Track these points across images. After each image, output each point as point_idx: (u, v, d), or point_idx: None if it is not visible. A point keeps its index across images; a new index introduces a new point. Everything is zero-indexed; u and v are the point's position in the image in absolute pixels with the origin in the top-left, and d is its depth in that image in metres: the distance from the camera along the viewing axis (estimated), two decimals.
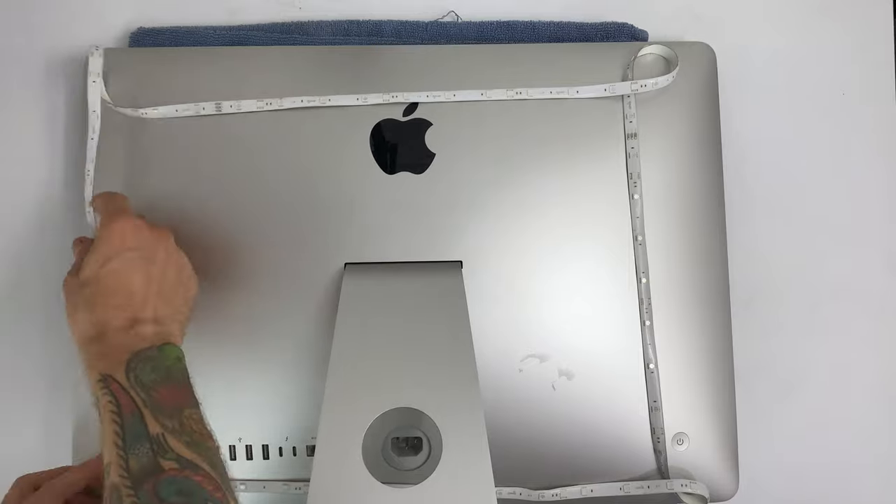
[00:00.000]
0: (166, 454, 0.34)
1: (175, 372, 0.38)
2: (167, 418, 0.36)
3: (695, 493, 0.48)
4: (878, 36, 0.56)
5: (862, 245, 0.55)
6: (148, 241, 0.41)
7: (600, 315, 0.49)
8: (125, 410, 0.35)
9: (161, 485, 0.33)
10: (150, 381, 0.37)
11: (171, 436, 0.35)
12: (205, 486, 0.34)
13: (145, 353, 0.38)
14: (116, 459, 0.34)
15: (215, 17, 0.54)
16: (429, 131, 0.50)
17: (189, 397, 0.38)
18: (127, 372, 0.37)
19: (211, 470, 0.35)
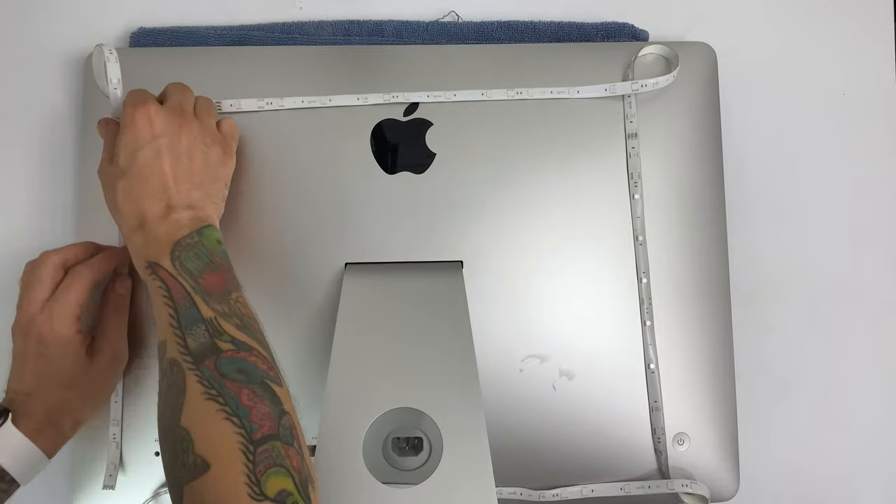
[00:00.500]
0: (222, 336, 0.36)
1: (217, 256, 0.40)
2: (217, 303, 0.37)
3: (695, 494, 0.48)
4: (878, 36, 0.56)
5: (862, 245, 0.55)
6: (173, 127, 0.42)
7: (601, 315, 0.49)
8: (176, 296, 0.37)
9: (221, 363, 0.35)
10: (196, 269, 0.38)
11: (223, 319, 0.37)
12: (260, 366, 0.35)
13: (186, 240, 0.39)
14: (174, 338, 0.36)
15: (216, 17, 0.54)
16: (429, 131, 0.50)
17: (232, 280, 0.40)
18: (172, 260, 0.38)
19: (262, 350, 0.37)
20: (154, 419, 0.47)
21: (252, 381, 0.34)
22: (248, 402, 0.33)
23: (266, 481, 0.31)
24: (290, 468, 0.32)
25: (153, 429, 0.47)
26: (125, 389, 0.48)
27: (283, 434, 0.33)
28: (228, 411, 0.33)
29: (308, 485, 0.33)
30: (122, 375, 0.47)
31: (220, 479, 0.31)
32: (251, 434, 0.32)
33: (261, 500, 0.31)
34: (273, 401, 0.34)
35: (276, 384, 0.35)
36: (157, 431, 0.47)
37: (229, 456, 0.32)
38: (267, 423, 0.33)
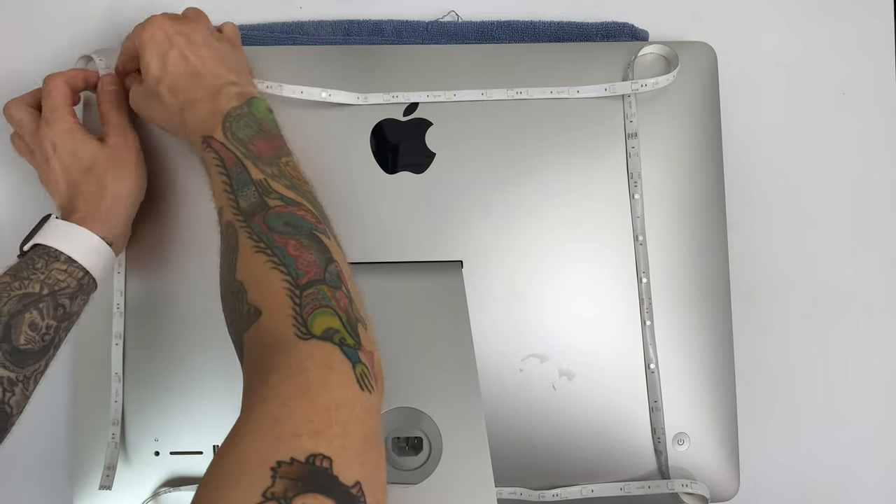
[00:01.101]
0: (271, 194, 0.37)
1: (266, 124, 0.41)
2: (267, 165, 0.39)
3: (695, 494, 0.48)
4: (879, 36, 0.56)
5: (862, 244, 0.55)
6: (184, 27, 0.44)
7: (601, 315, 0.49)
8: (228, 163, 0.39)
9: (269, 218, 0.36)
10: (246, 136, 0.40)
11: (273, 180, 0.38)
12: (307, 219, 0.37)
13: (236, 111, 0.41)
14: (227, 202, 0.38)
15: (215, 17, 0.54)
16: (429, 131, 0.50)
17: (283, 147, 0.41)
18: (224, 131, 0.40)
19: (310, 206, 0.38)
20: (153, 419, 0.48)
21: (299, 233, 0.36)
22: (294, 251, 0.35)
23: (313, 321, 0.32)
24: (335, 308, 0.33)
25: (153, 429, 0.48)
26: (126, 389, 0.48)
27: (330, 279, 0.34)
28: (276, 261, 0.34)
29: (357, 324, 0.33)
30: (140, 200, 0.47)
31: (271, 324, 0.33)
32: (297, 280, 0.33)
33: (307, 338, 0.32)
34: (319, 249, 0.35)
35: (323, 235, 0.36)
36: (157, 431, 0.48)
37: (278, 302, 0.33)
38: (313, 269, 0.34)
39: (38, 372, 0.40)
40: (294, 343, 0.31)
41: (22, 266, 0.40)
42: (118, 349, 0.48)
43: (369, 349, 0.33)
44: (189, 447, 0.48)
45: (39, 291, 0.39)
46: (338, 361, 0.31)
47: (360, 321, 0.34)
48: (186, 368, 0.48)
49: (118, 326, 0.48)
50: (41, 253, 0.41)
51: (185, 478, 0.48)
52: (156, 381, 0.48)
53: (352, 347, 0.32)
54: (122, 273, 0.48)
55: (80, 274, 0.41)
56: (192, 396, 0.48)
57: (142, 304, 0.48)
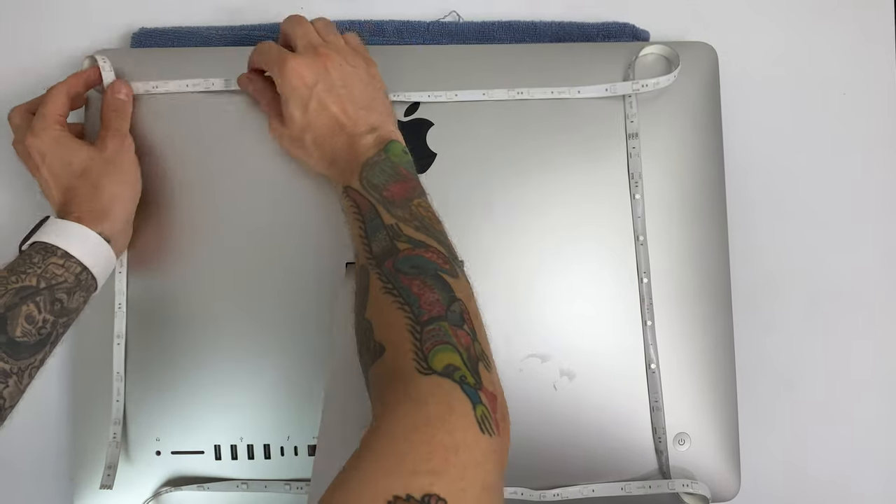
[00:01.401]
0: (400, 238, 0.39)
1: (402, 167, 0.43)
2: (398, 209, 0.40)
3: (696, 494, 0.48)
4: (879, 36, 0.56)
5: (863, 244, 0.55)
6: (320, 69, 0.44)
7: (602, 315, 0.49)
8: (363, 209, 0.41)
9: (398, 261, 0.37)
10: (381, 182, 0.42)
11: (403, 223, 0.40)
12: (434, 260, 0.38)
13: (372, 160, 0.42)
14: (362, 247, 0.40)
15: (217, 18, 0.54)
16: (430, 131, 0.50)
17: (415, 189, 0.42)
18: (360, 179, 0.42)
19: (439, 246, 0.39)
20: (154, 418, 0.48)
21: (424, 274, 0.37)
22: (417, 290, 0.36)
23: (433, 357, 0.32)
24: (456, 346, 0.33)
25: (155, 428, 0.48)
26: (127, 389, 0.48)
27: (452, 317, 0.35)
28: (401, 301, 0.35)
29: (478, 362, 0.33)
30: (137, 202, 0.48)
31: (393, 359, 0.34)
32: (419, 317, 0.34)
33: (428, 373, 0.32)
34: (443, 289, 0.36)
35: (448, 275, 0.37)
36: (158, 430, 0.48)
37: (400, 338, 0.34)
38: (435, 307, 0.35)
39: (33, 366, 0.40)
40: (414, 377, 0.32)
41: (19, 262, 0.41)
42: (120, 349, 0.48)
43: (492, 391, 0.33)
44: (190, 447, 0.48)
45: (36, 285, 0.40)
46: (458, 400, 0.31)
47: (482, 361, 0.34)
48: (188, 368, 0.48)
49: (119, 326, 0.48)
50: (38, 249, 0.41)
51: (186, 477, 0.48)
52: (157, 381, 0.48)
53: (472, 387, 0.32)
54: (123, 273, 0.48)
55: (77, 269, 0.42)
56: (193, 396, 0.48)
57: (143, 304, 0.48)
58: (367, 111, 0.44)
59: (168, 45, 0.52)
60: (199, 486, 0.47)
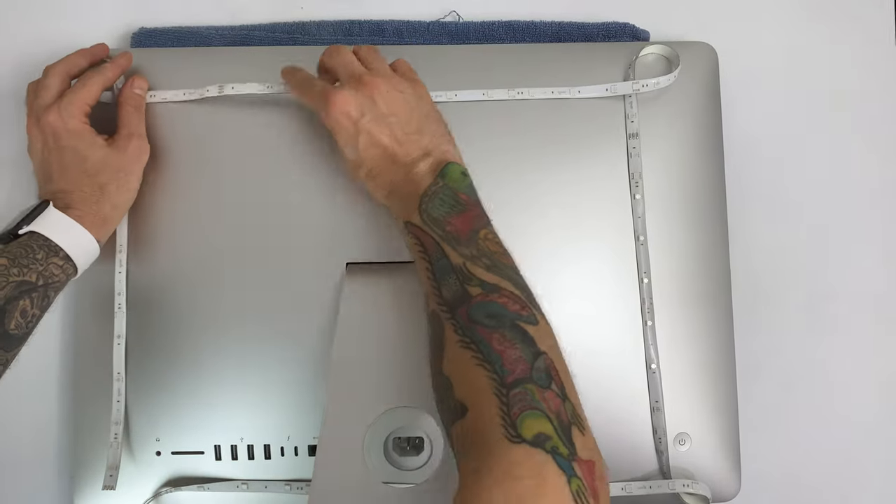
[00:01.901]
0: (471, 281, 0.37)
1: (462, 192, 0.41)
2: (464, 247, 0.38)
3: (697, 494, 0.48)
4: (879, 36, 0.56)
5: (862, 244, 0.55)
6: (366, 101, 0.42)
7: (602, 315, 0.49)
8: (428, 248, 0.39)
9: (472, 309, 0.35)
10: (441, 215, 0.39)
11: (471, 263, 0.38)
12: (510, 308, 0.36)
13: (430, 189, 0.40)
14: (431, 290, 0.38)
15: (217, 18, 0.54)
16: None
17: (479, 217, 0.40)
18: (421, 214, 0.40)
19: (514, 288, 0.37)
20: (155, 419, 0.48)
21: (502, 325, 0.35)
22: (499, 346, 0.34)
23: (522, 423, 0.31)
24: (546, 411, 0.31)
25: (155, 429, 0.48)
26: (128, 389, 0.48)
27: (538, 377, 0.33)
28: (481, 358, 0.34)
29: (571, 428, 0.32)
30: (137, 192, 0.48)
31: (478, 421, 0.32)
32: (503, 378, 0.32)
33: (518, 441, 0.30)
34: (525, 342, 0.34)
35: (528, 324, 0.35)
36: (158, 430, 0.48)
37: (484, 400, 0.32)
38: (519, 366, 0.33)
39: (11, 359, 0.40)
40: (504, 445, 0.30)
41: (21, 252, 0.40)
42: (120, 349, 0.48)
43: (587, 458, 0.31)
44: (191, 447, 0.48)
45: (35, 281, 0.40)
46: (552, 473, 0.30)
47: (575, 424, 0.32)
48: (188, 368, 0.48)
49: (120, 326, 0.48)
50: (42, 244, 0.41)
51: (186, 478, 0.48)
52: (157, 381, 0.48)
53: (566, 458, 0.30)
54: (123, 272, 0.48)
55: (70, 271, 0.42)
56: (193, 396, 0.48)
57: (143, 304, 0.48)
58: (418, 135, 0.42)
59: (168, 45, 0.52)
60: (200, 487, 0.47)
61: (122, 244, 0.48)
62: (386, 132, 0.42)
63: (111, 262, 0.48)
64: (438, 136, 0.43)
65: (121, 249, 0.48)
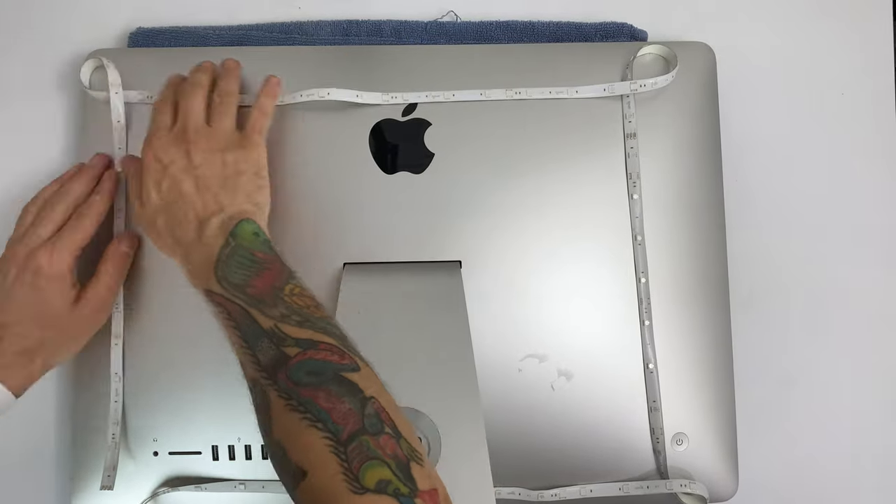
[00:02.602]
0: (285, 342, 0.36)
1: (257, 251, 0.40)
2: (271, 308, 0.37)
3: (694, 494, 0.48)
4: (878, 36, 0.56)
5: (861, 244, 0.55)
6: (180, 152, 0.43)
7: (599, 315, 0.49)
8: (235, 315, 0.38)
9: (292, 371, 0.35)
10: (241, 279, 0.39)
11: (282, 323, 0.37)
12: (329, 359, 0.35)
13: (223, 253, 0.40)
14: (247, 358, 0.37)
15: (215, 17, 0.54)
16: (428, 131, 0.50)
17: (280, 273, 0.39)
18: (219, 280, 0.39)
19: (330, 339, 0.36)
20: (152, 419, 0.48)
21: (325, 381, 0.34)
22: (326, 404, 0.34)
23: (363, 475, 0.32)
24: (383, 457, 0.32)
25: (152, 429, 0.48)
26: (125, 389, 0.48)
27: (369, 424, 0.33)
28: (311, 418, 0.33)
29: (409, 464, 0.33)
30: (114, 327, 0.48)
31: (320, 482, 0.32)
32: (338, 435, 0.33)
33: (362, 492, 0.31)
34: (351, 392, 0.34)
35: (351, 371, 0.35)
36: (156, 431, 0.48)
37: (322, 460, 0.33)
38: (351, 419, 0.33)
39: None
40: (349, 498, 0.31)
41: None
42: (117, 349, 0.48)
43: (428, 488, 0.33)
44: (188, 447, 0.48)
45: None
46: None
47: (413, 459, 0.33)
48: (185, 368, 0.48)
49: (117, 326, 0.48)
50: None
51: (183, 478, 0.48)
52: (155, 381, 0.48)
53: (408, 496, 0.31)
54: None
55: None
56: (191, 396, 0.48)
57: (141, 304, 0.48)
58: (221, 191, 0.42)
59: (165, 45, 0.52)
60: (197, 487, 0.47)
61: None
62: (190, 182, 0.42)
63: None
64: (242, 196, 0.43)
65: None
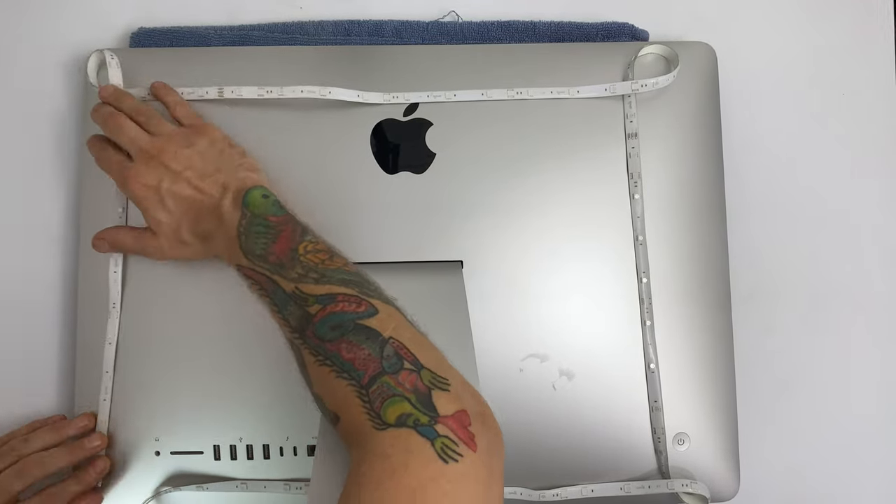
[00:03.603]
0: (307, 302, 0.38)
1: (270, 216, 0.42)
2: (290, 270, 0.39)
3: (695, 493, 0.48)
4: (879, 36, 0.56)
5: (862, 244, 0.55)
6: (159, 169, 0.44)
7: (601, 315, 0.49)
8: (264, 285, 0.40)
9: (317, 328, 0.37)
10: (262, 248, 0.41)
11: (302, 283, 0.39)
12: (347, 310, 0.37)
13: (241, 225, 0.42)
14: (281, 322, 0.40)
15: (216, 17, 0.54)
16: (429, 131, 0.50)
17: (294, 233, 0.41)
18: (245, 255, 0.41)
19: (346, 289, 0.38)
20: (154, 418, 0.48)
21: (345, 332, 0.36)
22: (348, 354, 0.36)
23: (385, 412, 0.34)
24: (403, 393, 0.34)
25: (153, 429, 0.48)
26: (126, 389, 0.48)
27: (388, 365, 0.35)
28: (338, 369, 0.36)
29: (431, 393, 0.34)
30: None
31: (350, 424, 0.35)
32: (360, 380, 0.35)
33: (384, 428, 0.33)
34: (370, 338, 0.36)
35: (369, 317, 0.37)
36: (158, 430, 0.48)
37: (350, 404, 0.35)
38: (370, 364, 0.35)
39: None
40: (373, 434, 0.33)
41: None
42: (110, 349, 0.48)
43: (453, 412, 0.34)
44: (190, 447, 0.48)
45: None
46: (416, 443, 0.32)
47: (436, 386, 0.35)
48: (187, 368, 0.48)
49: (112, 328, 0.48)
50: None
51: (185, 477, 0.48)
52: (156, 381, 0.48)
53: (427, 425, 0.33)
54: (118, 272, 0.48)
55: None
56: (192, 396, 0.48)
57: (143, 304, 0.48)
58: (216, 174, 0.44)
59: (167, 45, 0.52)
60: (199, 486, 0.47)
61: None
62: (185, 186, 0.43)
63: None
64: (234, 167, 0.45)
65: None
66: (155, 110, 0.47)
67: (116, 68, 0.49)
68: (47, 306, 0.51)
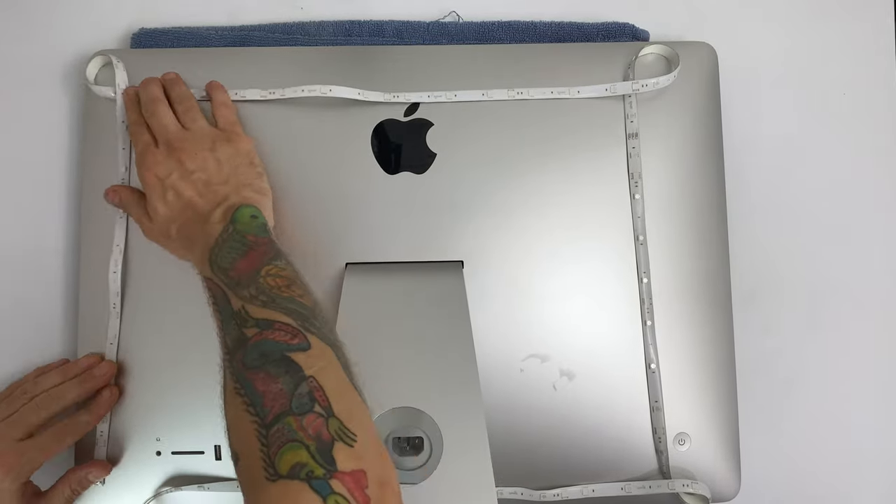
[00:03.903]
0: (247, 323, 0.37)
1: (249, 234, 0.41)
2: (244, 289, 0.38)
3: (696, 494, 0.48)
4: (879, 36, 0.56)
5: (863, 244, 0.55)
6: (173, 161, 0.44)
7: (601, 315, 0.49)
8: (217, 298, 0.39)
9: (247, 353, 0.35)
10: (228, 262, 0.40)
11: (250, 304, 0.37)
12: (280, 340, 0.35)
13: (220, 238, 0.41)
14: (221, 339, 0.38)
15: (217, 18, 0.54)
16: (430, 131, 0.50)
17: (265, 255, 0.40)
18: (210, 265, 0.40)
19: (287, 318, 0.36)
20: (155, 418, 0.48)
21: (268, 362, 0.34)
22: (262, 386, 0.34)
23: (280, 460, 0.31)
24: (303, 439, 0.32)
25: (156, 428, 0.48)
26: (127, 390, 0.48)
27: (297, 405, 0.33)
28: (248, 401, 0.34)
29: (332, 445, 0.32)
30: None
31: (246, 468, 0.33)
32: (264, 418, 0.33)
33: (274, 479, 0.31)
34: (289, 372, 0.34)
35: (298, 351, 0.35)
36: (159, 430, 0.48)
37: (250, 445, 0.33)
38: (279, 401, 0.33)
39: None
40: (263, 486, 0.31)
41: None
42: (111, 348, 0.48)
43: (353, 469, 0.32)
44: (191, 447, 0.48)
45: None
46: (306, 499, 0.30)
47: (340, 439, 0.32)
48: (188, 368, 0.48)
49: (112, 329, 0.48)
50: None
51: (186, 477, 0.48)
52: (158, 381, 0.48)
53: (321, 478, 0.31)
54: (118, 272, 0.48)
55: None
56: (193, 396, 0.48)
57: (144, 304, 0.48)
58: (222, 185, 0.44)
59: (168, 46, 0.52)
60: (200, 486, 0.47)
61: (118, 243, 0.48)
62: (190, 187, 0.44)
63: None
64: (242, 184, 0.44)
65: (118, 249, 0.48)
66: (198, 105, 0.47)
67: (122, 71, 0.49)
68: (48, 307, 0.51)
